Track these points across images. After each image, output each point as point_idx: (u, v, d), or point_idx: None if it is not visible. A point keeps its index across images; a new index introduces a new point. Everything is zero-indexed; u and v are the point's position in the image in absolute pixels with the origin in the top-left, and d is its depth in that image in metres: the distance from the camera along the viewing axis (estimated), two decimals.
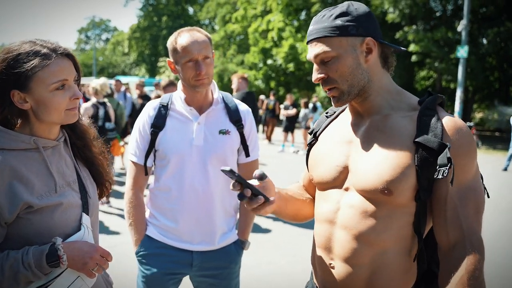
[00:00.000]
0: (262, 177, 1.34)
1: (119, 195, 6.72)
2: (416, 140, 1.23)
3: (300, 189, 1.65)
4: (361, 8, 1.33)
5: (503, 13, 17.72)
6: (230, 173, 1.21)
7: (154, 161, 2.05)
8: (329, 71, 1.32)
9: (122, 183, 7.58)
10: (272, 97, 14.88)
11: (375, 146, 1.31)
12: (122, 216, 5.80)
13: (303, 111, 12.96)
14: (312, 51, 1.33)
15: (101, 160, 1.57)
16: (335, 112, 1.55)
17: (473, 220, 1.20)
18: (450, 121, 1.25)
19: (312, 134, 1.57)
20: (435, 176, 1.20)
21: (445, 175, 1.18)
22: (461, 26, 14.42)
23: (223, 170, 1.22)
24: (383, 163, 1.26)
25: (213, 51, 1.98)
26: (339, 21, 1.29)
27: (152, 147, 1.99)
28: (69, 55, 1.36)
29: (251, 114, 2.11)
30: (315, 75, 1.34)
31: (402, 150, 1.25)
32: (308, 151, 1.56)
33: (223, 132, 1.99)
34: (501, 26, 16.21)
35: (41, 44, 1.32)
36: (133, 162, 2.04)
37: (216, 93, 2.06)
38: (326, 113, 1.58)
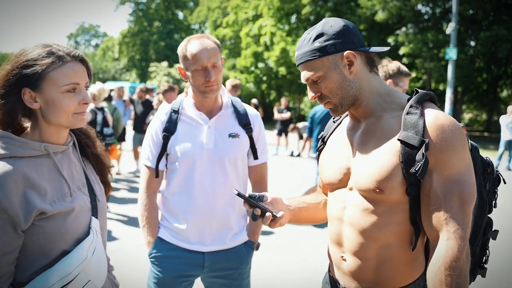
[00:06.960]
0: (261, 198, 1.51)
1: (117, 200, 6.73)
2: (398, 138, 1.30)
3: (317, 193, 1.77)
4: (336, 24, 1.39)
5: (489, 15, 18.04)
6: (239, 195, 1.40)
7: (166, 165, 2.09)
8: (320, 89, 1.43)
9: (117, 189, 7.59)
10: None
11: (368, 147, 1.40)
12: (121, 221, 5.81)
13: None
14: (302, 75, 1.45)
15: (105, 159, 1.61)
16: (340, 117, 1.64)
17: (455, 213, 1.22)
18: (432, 117, 1.28)
19: (321, 139, 1.68)
20: (410, 170, 1.25)
21: (417, 169, 1.23)
22: (450, 28, 14.63)
23: (236, 194, 1.40)
24: (373, 163, 1.35)
25: (222, 57, 2.04)
26: (317, 43, 1.38)
27: (164, 151, 2.04)
28: (83, 61, 1.38)
29: (260, 118, 2.17)
30: (310, 94, 1.46)
31: (389, 150, 1.32)
32: (318, 155, 1.67)
33: (233, 136, 2.05)
34: (489, 29, 16.47)
35: (57, 47, 1.34)
36: (146, 166, 2.09)
37: (226, 97, 2.11)
38: (333, 119, 1.68)
